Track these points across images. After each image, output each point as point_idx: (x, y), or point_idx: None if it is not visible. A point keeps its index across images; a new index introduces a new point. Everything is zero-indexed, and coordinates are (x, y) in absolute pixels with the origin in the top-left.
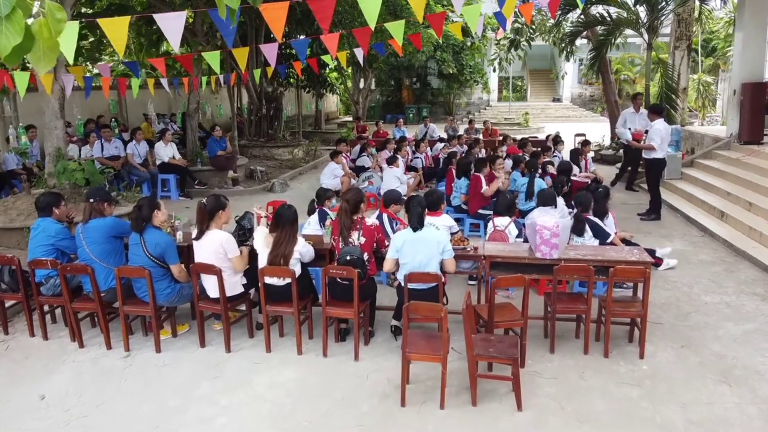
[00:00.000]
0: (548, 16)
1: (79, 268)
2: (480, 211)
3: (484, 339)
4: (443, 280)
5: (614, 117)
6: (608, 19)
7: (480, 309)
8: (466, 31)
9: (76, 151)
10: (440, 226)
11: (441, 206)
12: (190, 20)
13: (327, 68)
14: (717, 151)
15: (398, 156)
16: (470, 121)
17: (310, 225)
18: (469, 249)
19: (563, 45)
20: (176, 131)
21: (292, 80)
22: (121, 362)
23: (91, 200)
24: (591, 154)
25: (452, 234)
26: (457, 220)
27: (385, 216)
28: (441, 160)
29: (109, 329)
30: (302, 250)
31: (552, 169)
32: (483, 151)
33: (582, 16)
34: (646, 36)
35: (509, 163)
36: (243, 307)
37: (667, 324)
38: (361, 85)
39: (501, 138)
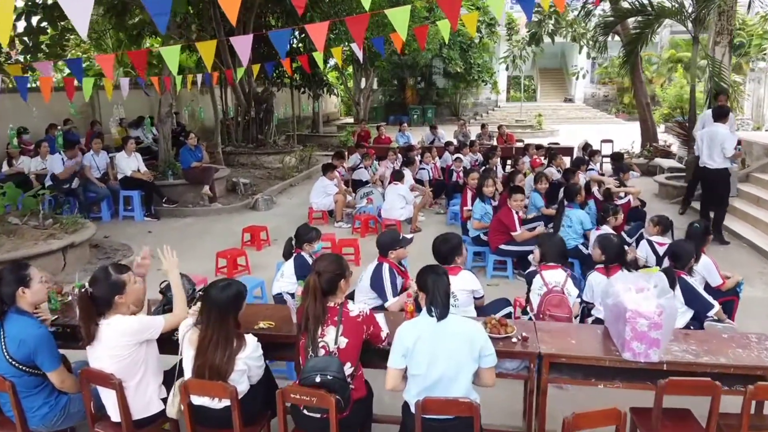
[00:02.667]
0: (572, 6)
1: None
2: (503, 246)
3: None
4: (477, 404)
5: (645, 120)
6: (650, 8)
7: None
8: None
9: (28, 163)
10: (458, 291)
11: (459, 255)
12: None
13: (324, 67)
14: None
15: (406, 172)
16: (483, 126)
17: (284, 276)
18: (514, 340)
19: (593, 39)
20: (141, 140)
21: (286, 80)
22: None
23: None
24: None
25: (476, 299)
26: (476, 254)
27: (386, 269)
28: (453, 173)
29: None
30: (250, 361)
31: (595, 191)
32: (501, 164)
33: (612, 7)
34: (691, 28)
35: (530, 181)
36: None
37: None
38: (362, 84)
39: (520, 145)
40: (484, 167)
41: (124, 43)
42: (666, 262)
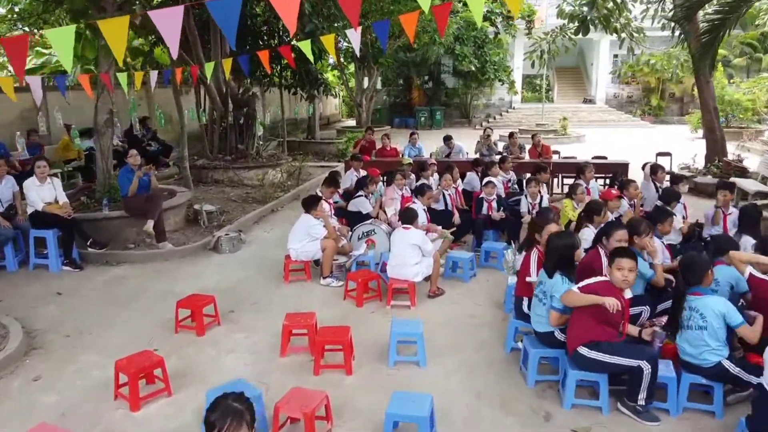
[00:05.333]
0: None
1: None
2: (587, 352)
3: None
4: None
5: (713, 129)
6: None
7: None
8: (486, 18)
9: None
10: None
11: None
12: None
13: (317, 61)
14: None
15: (418, 205)
16: (512, 135)
17: None
18: None
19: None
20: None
21: (275, 79)
22: None
23: None
24: (685, 188)
25: None
26: (543, 360)
27: None
28: (482, 202)
29: None
30: None
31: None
32: (546, 191)
33: None
34: None
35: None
36: None
37: None
38: (365, 84)
39: (556, 159)
40: (541, 208)
41: (83, 35)
42: None
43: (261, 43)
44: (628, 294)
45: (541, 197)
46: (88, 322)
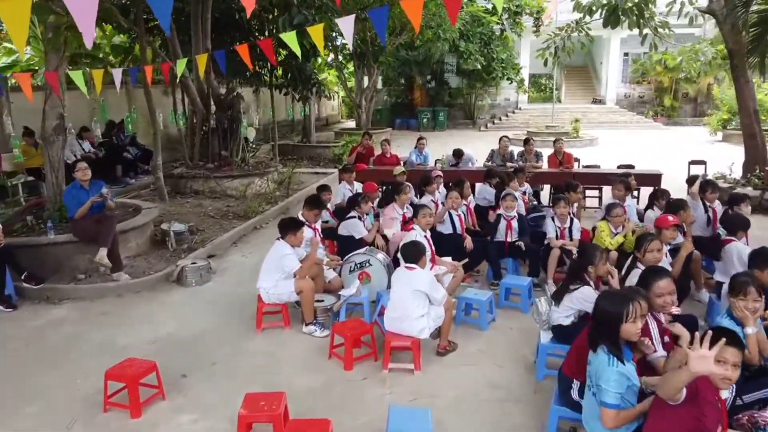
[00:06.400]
0: None
1: None
2: None
3: None
4: None
5: (754, 134)
6: None
7: None
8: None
9: None
10: None
11: None
12: None
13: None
14: None
15: (419, 233)
16: (527, 141)
17: None
18: None
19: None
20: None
21: (265, 78)
22: None
23: None
24: (748, 209)
25: None
26: None
27: None
28: (500, 221)
29: None
30: None
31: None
32: (576, 210)
33: None
34: None
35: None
36: None
37: None
38: (365, 84)
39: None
40: (586, 245)
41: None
42: None
43: (252, 39)
44: (724, 394)
45: (572, 220)
46: (9, 384)
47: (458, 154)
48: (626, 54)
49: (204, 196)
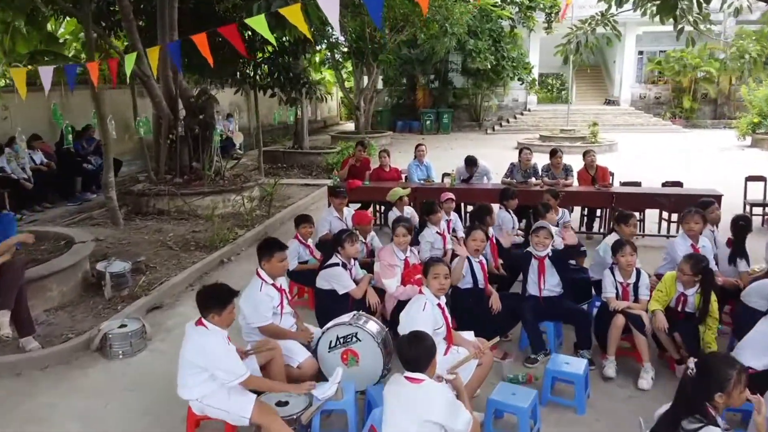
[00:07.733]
0: None
1: None
2: None
3: None
4: None
5: None
6: None
7: None
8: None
9: None
10: None
11: None
12: None
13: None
14: None
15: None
16: (554, 153)
17: None
18: None
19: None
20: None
21: (249, 79)
22: None
23: None
24: None
25: None
26: None
27: None
28: (528, 261)
29: None
30: None
31: None
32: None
33: None
34: None
35: None
36: None
37: None
38: (364, 83)
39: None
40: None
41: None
42: None
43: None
44: None
45: (639, 273)
46: None
47: (471, 162)
48: (641, 52)
49: (169, 218)
